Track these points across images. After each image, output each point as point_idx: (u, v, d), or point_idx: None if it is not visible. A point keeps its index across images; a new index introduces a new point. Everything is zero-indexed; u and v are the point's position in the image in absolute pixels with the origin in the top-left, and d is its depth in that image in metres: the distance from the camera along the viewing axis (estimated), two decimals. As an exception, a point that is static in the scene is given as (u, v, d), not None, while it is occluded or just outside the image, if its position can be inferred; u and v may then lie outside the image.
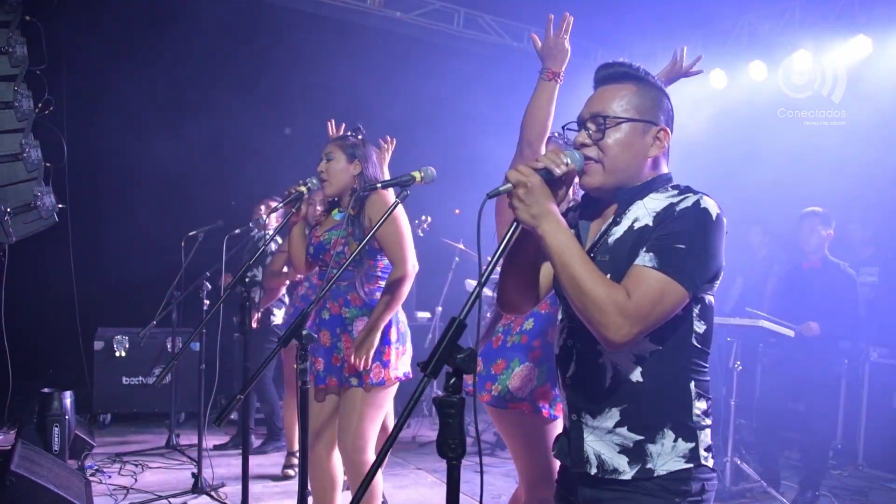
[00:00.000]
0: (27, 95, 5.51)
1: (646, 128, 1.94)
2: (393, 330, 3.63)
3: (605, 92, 1.98)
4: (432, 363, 1.59)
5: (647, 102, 1.96)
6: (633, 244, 1.87)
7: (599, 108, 1.95)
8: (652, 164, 1.98)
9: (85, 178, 6.71)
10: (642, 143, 1.94)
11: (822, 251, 5.59)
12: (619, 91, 1.96)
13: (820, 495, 5.51)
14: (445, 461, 1.62)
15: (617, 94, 1.96)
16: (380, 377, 3.54)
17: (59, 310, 6.82)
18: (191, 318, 6.89)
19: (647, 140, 1.95)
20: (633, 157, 1.94)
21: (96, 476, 5.30)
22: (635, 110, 1.94)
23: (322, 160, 3.72)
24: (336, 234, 3.64)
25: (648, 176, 1.97)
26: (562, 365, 2.06)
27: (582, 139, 1.96)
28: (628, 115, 1.93)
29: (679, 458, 1.89)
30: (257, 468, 5.62)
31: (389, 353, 3.59)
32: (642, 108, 1.94)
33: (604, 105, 1.95)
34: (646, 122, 1.94)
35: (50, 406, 5.13)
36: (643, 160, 1.95)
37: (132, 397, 6.99)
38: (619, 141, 1.93)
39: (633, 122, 1.93)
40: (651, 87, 1.99)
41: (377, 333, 3.50)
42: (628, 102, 1.94)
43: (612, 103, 1.94)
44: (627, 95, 1.95)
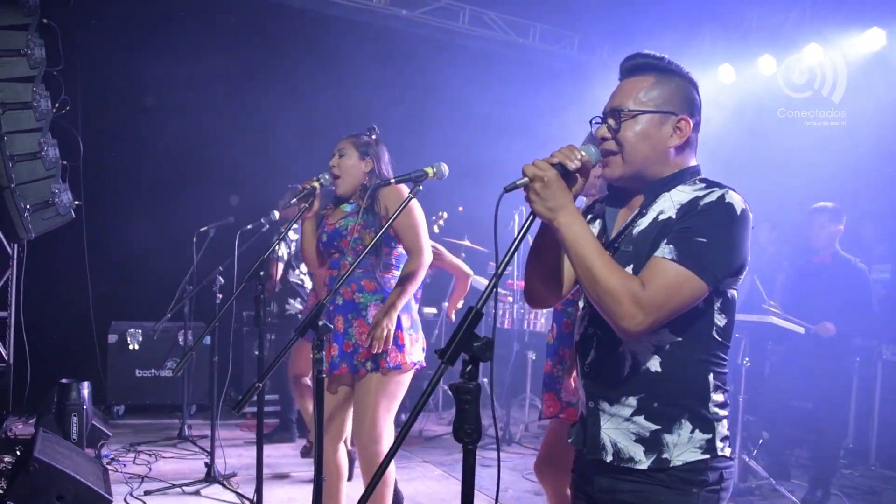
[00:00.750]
0: (45, 96, 5.63)
1: (664, 118, 1.94)
2: (406, 316, 3.69)
3: (626, 85, 2.00)
4: (450, 351, 1.62)
5: (667, 93, 1.96)
6: (657, 236, 1.88)
7: (618, 102, 1.97)
8: (675, 154, 1.98)
9: (99, 176, 6.84)
10: (660, 135, 1.95)
11: (832, 246, 5.55)
12: (637, 84, 1.97)
13: (830, 494, 5.46)
14: (462, 445, 1.65)
15: (635, 86, 1.97)
16: (396, 361, 3.59)
17: (74, 303, 6.95)
18: (202, 312, 7.04)
19: (666, 130, 1.95)
20: (651, 149, 1.95)
21: (112, 464, 5.45)
22: (652, 102, 1.94)
23: (335, 156, 3.79)
24: (353, 220, 3.71)
25: (674, 167, 1.98)
26: (582, 352, 2.07)
27: (602, 133, 1.99)
28: (644, 108, 1.94)
29: (696, 449, 1.89)
30: (267, 458, 5.74)
31: (403, 337, 3.64)
32: (660, 99, 1.95)
33: (622, 99, 1.97)
34: (664, 112, 1.94)
35: (69, 396, 5.27)
36: (663, 151, 1.96)
37: (145, 389, 7.14)
38: (636, 133, 1.94)
39: (650, 113, 1.94)
40: (673, 77, 1.99)
41: (394, 314, 3.56)
42: (645, 95, 1.95)
43: (630, 97, 1.96)
44: (645, 88, 1.96)
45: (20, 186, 5.51)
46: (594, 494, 2.03)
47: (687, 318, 1.86)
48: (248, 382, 6.97)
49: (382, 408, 3.64)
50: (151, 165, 7.36)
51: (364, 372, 3.61)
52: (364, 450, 3.67)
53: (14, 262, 6.24)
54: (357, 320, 3.66)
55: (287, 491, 5.27)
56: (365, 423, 3.63)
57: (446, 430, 7.09)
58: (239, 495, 5.00)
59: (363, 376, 3.63)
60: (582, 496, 2.12)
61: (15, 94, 5.50)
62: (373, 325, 3.56)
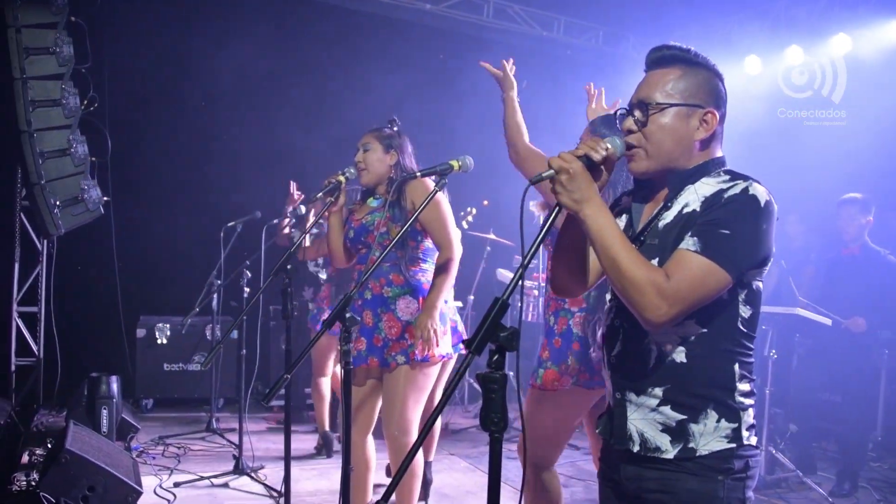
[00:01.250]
0: (74, 93, 5.72)
1: (690, 111, 1.94)
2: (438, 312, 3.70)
3: (652, 77, 2.00)
4: (476, 341, 1.64)
5: (693, 86, 1.96)
6: (681, 229, 1.89)
7: (644, 95, 1.97)
8: (701, 147, 1.97)
9: (128, 172, 6.89)
10: (686, 128, 1.94)
11: (861, 238, 5.52)
12: (664, 76, 1.97)
13: (858, 486, 5.44)
14: (488, 435, 1.67)
15: (662, 79, 1.97)
16: (424, 353, 3.62)
17: (103, 298, 7.01)
18: (230, 306, 7.10)
19: (692, 123, 1.95)
20: (678, 142, 1.95)
21: (141, 457, 5.49)
22: (679, 95, 1.94)
23: (359, 150, 3.82)
24: (379, 215, 3.73)
25: (699, 159, 1.98)
26: (608, 344, 2.08)
27: (628, 125, 1.99)
28: (671, 101, 1.94)
29: (721, 439, 1.90)
30: (294, 451, 5.76)
31: None
32: (686, 91, 1.94)
33: (648, 91, 1.97)
34: (690, 105, 1.94)
35: (99, 389, 5.32)
36: (689, 144, 1.96)
37: (173, 383, 7.20)
38: (662, 127, 1.94)
39: (677, 106, 1.94)
40: (699, 70, 1.99)
41: (436, 314, 3.61)
42: (672, 87, 1.95)
43: (657, 89, 1.96)
44: (672, 80, 1.95)
45: (49, 183, 5.60)
46: (621, 482, 2.05)
47: (712, 309, 1.87)
48: (275, 376, 7.01)
49: (411, 399, 3.68)
50: (179, 161, 7.41)
51: (395, 365, 3.65)
52: (393, 440, 3.72)
53: (44, 257, 6.34)
54: (386, 314, 3.69)
55: (314, 482, 5.29)
56: (394, 415, 3.67)
57: (472, 422, 7.10)
58: (267, 487, 5.04)
59: (393, 369, 3.66)
60: (609, 484, 2.14)
61: (44, 92, 5.59)
62: (417, 327, 3.58)
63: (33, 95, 5.51)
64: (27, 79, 5.49)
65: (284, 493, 3.68)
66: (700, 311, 1.86)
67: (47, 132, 5.59)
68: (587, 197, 1.82)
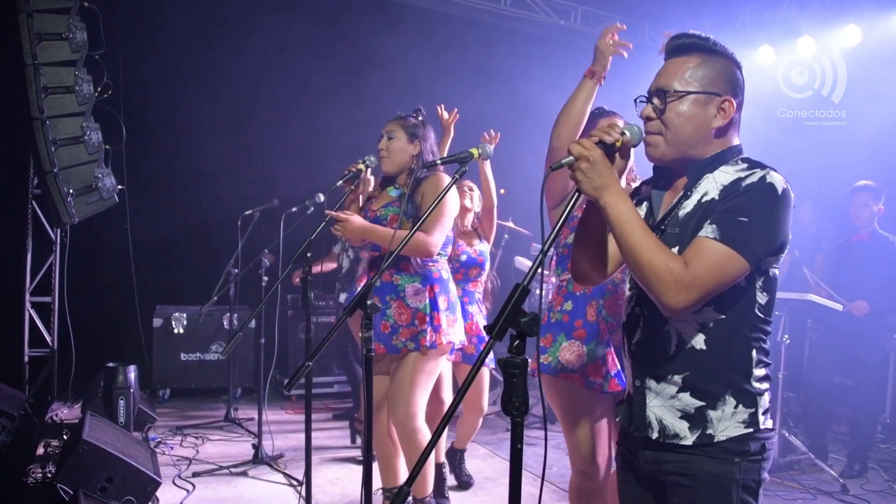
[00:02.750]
0: (87, 80, 5.64)
1: (708, 99, 1.96)
2: (443, 298, 3.74)
3: (671, 65, 2.01)
4: (497, 326, 1.66)
5: (711, 74, 1.97)
6: (700, 217, 1.91)
7: (663, 83, 1.99)
8: (718, 134, 1.99)
9: (143, 160, 6.83)
10: (704, 115, 1.96)
11: (871, 225, 5.65)
12: (683, 64, 1.99)
13: (868, 468, 5.58)
14: (510, 419, 1.69)
15: (681, 67, 1.99)
16: (433, 340, 3.63)
17: (118, 288, 6.96)
18: (247, 295, 7.03)
19: (710, 111, 1.96)
20: (696, 130, 1.96)
21: (159, 447, 5.46)
22: (698, 83, 1.96)
23: (383, 138, 3.79)
24: (392, 210, 3.73)
25: (717, 147, 1.99)
26: (628, 332, 2.11)
27: (647, 113, 2.01)
28: (690, 88, 1.96)
29: (739, 424, 1.93)
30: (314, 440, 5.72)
31: (440, 318, 3.69)
32: (705, 79, 1.96)
33: (667, 79, 1.99)
34: (708, 93, 1.96)
35: (115, 379, 5.29)
36: (706, 132, 1.97)
37: (190, 373, 7.16)
38: (681, 114, 1.96)
39: (695, 94, 1.95)
40: (717, 58, 2.00)
41: (367, 234, 3.58)
42: (691, 75, 1.96)
43: (676, 77, 1.97)
44: (691, 68, 1.97)
45: (63, 171, 5.53)
46: (640, 466, 2.10)
47: (730, 296, 1.90)
48: (293, 365, 6.97)
49: (418, 385, 3.71)
50: (195, 148, 7.33)
51: (406, 351, 3.68)
52: (401, 426, 3.73)
53: (57, 247, 6.29)
54: (395, 301, 3.70)
55: (335, 471, 5.25)
56: (402, 400, 3.70)
57: (492, 409, 7.04)
58: (286, 476, 5.00)
59: (404, 354, 3.70)
60: (627, 467, 2.19)
61: (57, 78, 5.51)
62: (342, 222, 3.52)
63: (46, 82, 5.43)
64: (39, 65, 5.40)
65: (305, 481, 3.65)
66: (718, 299, 1.89)
67: (60, 119, 5.51)
68: (607, 184, 1.85)
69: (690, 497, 1.96)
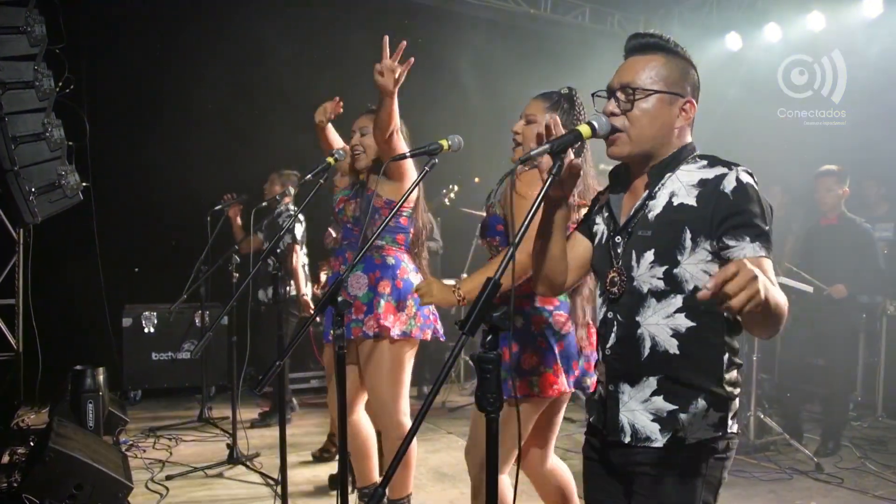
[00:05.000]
0: (47, 75, 5.47)
1: (672, 99, 1.97)
2: (384, 284, 3.67)
3: (636, 63, 2.01)
4: (470, 321, 1.63)
5: (675, 74, 1.99)
6: (680, 224, 1.92)
7: (629, 79, 1.98)
8: (678, 134, 2.01)
9: (108, 155, 6.67)
10: (669, 115, 1.98)
11: (838, 208, 5.77)
12: (648, 62, 1.99)
13: (841, 445, 5.74)
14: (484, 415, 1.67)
15: (646, 65, 1.99)
16: (374, 330, 3.60)
17: (86, 288, 6.81)
18: (218, 291, 6.91)
19: (674, 111, 1.98)
20: (660, 129, 1.98)
21: (131, 451, 5.35)
22: (663, 82, 1.97)
23: (356, 134, 3.75)
24: (342, 193, 3.80)
25: (676, 146, 2.01)
26: (602, 337, 2.11)
27: (611, 108, 1.99)
28: (656, 87, 1.96)
29: (709, 427, 1.95)
30: (290, 437, 5.62)
31: (385, 306, 3.63)
32: (670, 79, 1.97)
33: (633, 76, 1.98)
34: (673, 94, 1.97)
35: (83, 382, 5.17)
36: (669, 131, 1.99)
37: (162, 373, 7.04)
38: (647, 112, 1.96)
39: (661, 93, 1.96)
40: (679, 59, 2.02)
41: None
42: (657, 74, 1.97)
43: (642, 74, 1.97)
44: (656, 67, 1.98)
45: (24, 169, 5.36)
46: (610, 459, 2.11)
47: (701, 304, 1.89)
48: (268, 362, 6.85)
49: (395, 384, 3.68)
50: (162, 143, 7.18)
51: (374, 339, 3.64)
52: (393, 434, 3.72)
53: (20, 247, 6.10)
54: (342, 291, 3.60)
55: (312, 469, 5.21)
56: (385, 411, 3.70)
57: (469, 400, 7.06)
58: (263, 475, 4.92)
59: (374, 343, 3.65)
60: (595, 457, 2.18)
61: (16, 73, 5.34)
62: None
63: (3, 77, 5.25)
64: (-4, 60, 5.24)
65: (281, 480, 3.59)
66: (691, 304, 1.92)
67: (20, 116, 5.34)
68: None
69: (656, 489, 1.98)
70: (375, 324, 3.58)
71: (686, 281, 1.92)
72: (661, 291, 1.94)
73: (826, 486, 5.01)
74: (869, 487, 4.96)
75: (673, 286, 1.93)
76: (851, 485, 5.01)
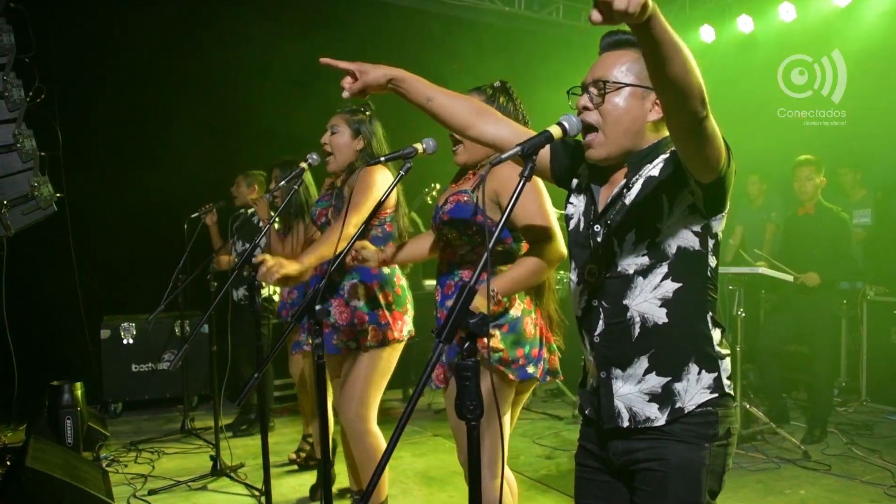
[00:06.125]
0: (17, 84, 5.37)
1: (645, 93, 1.98)
2: (382, 295, 3.61)
3: (608, 58, 2.03)
4: (447, 329, 1.62)
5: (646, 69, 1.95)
6: (656, 195, 1.94)
7: (601, 74, 2.00)
8: (653, 128, 2.02)
9: (82, 165, 6.56)
10: (641, 108, 1.99)
11: (816, 197, 5.88)
12: (620, 57, 2.01)
13: (827, 432, 5.83)
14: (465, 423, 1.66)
15: (618, 60, 2.01)
16: (376, 339, 3.55)
17: (62, 300, 6.71)
18: (197, 300, 6.82)
19: (647, 105, 1.99)
20: (633, 122, 1.99)
21: (112, 466, 5.27)
22: (635, 76, 1.98)
23: (326, 132, 3.68)
24: (321, 205, 3.70)
25: (652, 139, 2.02)
26: (587, 325, 2.09)
27: (584, 102, 2.02)
28: (628, 81, 1.98)
29: (704, 390, 1.96)
30: (274, 445, 5.57)
31: (384, 315, 3.60)
32: (642, 74, 1.95)
33: (605, 70, 2.00)
34: (645, 87, 1.97)
35: (61, 398, 5.08)
36: (643, 124, 2.00)
37: (142, 384, 6.93)
38: (619, 105, 1.98)
39: (633, 87, 1.98)
40: None
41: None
42: (629, 68, 1.99)
43: (613, 69, 1.99)
44: (628, 62, 1.99)
45: (-5, 181, 5.28)
46: (608, 459, 2.09)
47: (686, 263, 1.95)
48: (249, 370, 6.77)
49: (371, 384, 3.61)
50: (137, 151, 7.09)
51: (346, 350, 3.60)
52: (350, 426, 3.64)
53: (-8, 260, 6.01)
54: (336, 300, 3.62)
55: (297, 478, 5.14)
56: (352, 400, 3.61)
57: (454, 401, 7.01)
58: (248, 486, 4.85)
59: (351, 356, 3.61)
60: (592, 462, 2.16)
61: (-17, 85, 5.25)
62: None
63: (-30, 89, 5.17)
64: (-37, 71, 5.14)
65: (265, 491, 3.54)
66: (675, 266, 1.94)
67: (-11, 128, 5.26)
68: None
69: (661, 482, 1.96)
70: (376, 333, 3.55)
71: (668, 245, 1.94)
72: (647, 267, 1.95)
73: (814, 473, 5.03)
74: (857, 473, 4.99)
75: (657, 256, 1.95)
76: (839, 471, 5.03)
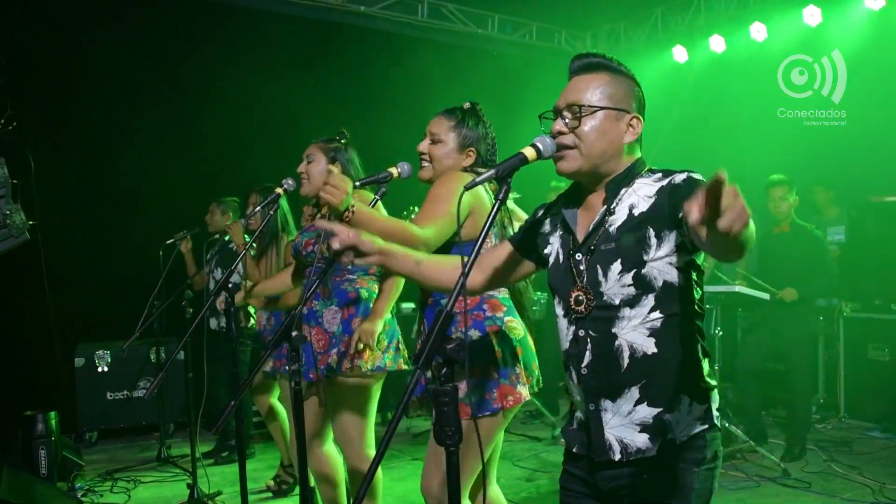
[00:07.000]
0: (-12, 112, 5.37)
1: (619, 115, 2.01)
2: (357, 321, 3.58)
3: (580, 82, 2.05)
4: (424, 355, 1.62)
5: (621, 91, 2.03)
6: (643, 227, 1.93)
7: (575, 98, 2.02)
8: (629, 150, 2.04)
9: (55, 193, 6.50)
10: (617, 130, 2.01)
11: (790, 216, 5.93)
12: (593, 80, 2.03)
13: (807, 449, 5.84)
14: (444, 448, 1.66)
15: (591, 83, 2.02)
16: (346, 366, 3.50)
17: (35, 328, 6.60)
18: (172, 326, 6.75)
19: (622, 127, 2.01)
20: (609, 144, 2.00)
21: (88, 496, 5.19)
22: (609, 99, 2.00)
23: (303, 161, 3.73)
24: (306, 235, 3.69)
25: (627, 162, 2.04)
26: (574, 358, 2.06)
27: (559, 127, 2.01)
28: (602, 104, 2.00)
29: (695, 421, 1.96)
30: (252, 472, 5.51)
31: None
32: (616, 96, 2.01)
33: (579, 94, 2.02)
34: (619, 110, 2.01)
35: (34, 428, 5.03)
36: (618, 147, 2.02)
37: (118, 412, 6.84)
38: (595, 128, 1.99)
39: (608, 110, 2.00)
40: (623, 77, 2.06)
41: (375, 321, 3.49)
42: (602, 92, 2.01)
43: (587, 92, 2.01)
44: (602, 85, 2.02)
45: (-34, 211, 5.22)
46: (596, 484, 2.06)
47: (674, 294, 1.95)
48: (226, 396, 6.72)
49: (361, 420, 3.61)
50: (110, 178, 7.05)
51: (317, 377, 3.55)
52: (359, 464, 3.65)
53: (-35, 290, 5.95)
54: (315, 328, 3.60)
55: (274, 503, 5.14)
56: (352, 446, 3.63)
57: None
58: (226, 514, 4.80)
59: (318, 381, 3.58)
60: (579, 487, 2.13)
61: (-48, 113, 5.22)
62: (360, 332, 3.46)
63: (-60, 117, 5.14)
64: (-68, 101, 5.12)
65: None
66: (662, 299, 1.94)
67: (-42, 157, 5.22)
68: None
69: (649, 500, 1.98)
70: (345, 360, 3.51)
71: (654, 278, 1.93)
72: (633, 297, 1.94)
73: (794, 491, 5.06)
74: (836, 490, 5.01)
75: (643, 287, 1.93)
76: (819, 489, 5.06)
